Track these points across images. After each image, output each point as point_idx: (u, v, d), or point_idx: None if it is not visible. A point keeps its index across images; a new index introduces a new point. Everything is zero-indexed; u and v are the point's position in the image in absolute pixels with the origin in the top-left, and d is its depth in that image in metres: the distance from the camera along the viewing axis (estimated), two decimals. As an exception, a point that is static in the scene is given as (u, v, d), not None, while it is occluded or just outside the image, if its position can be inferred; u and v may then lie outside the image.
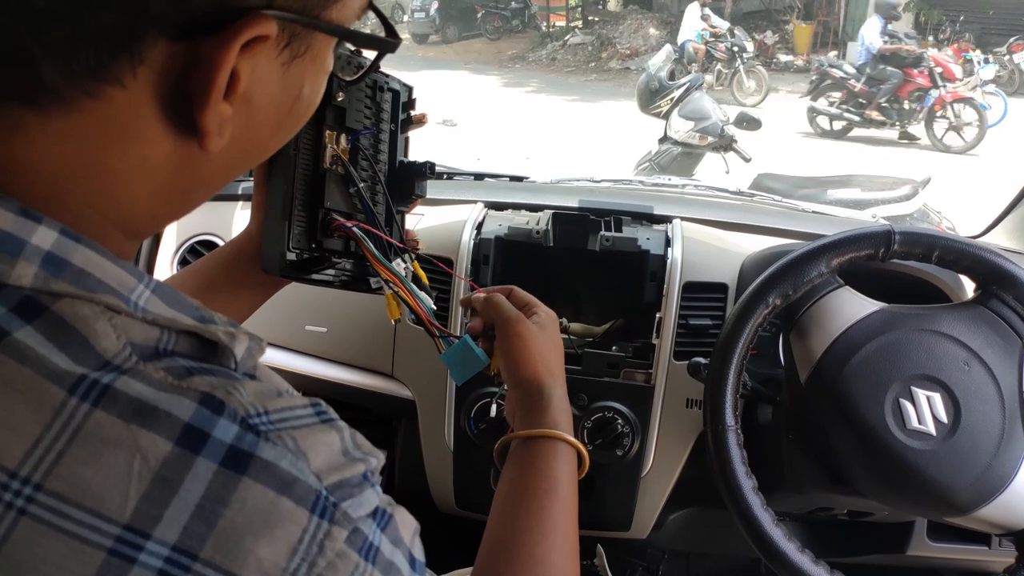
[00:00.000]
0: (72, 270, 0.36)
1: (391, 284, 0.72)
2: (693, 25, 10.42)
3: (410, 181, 0.79)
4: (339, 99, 0.69)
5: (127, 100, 0.36)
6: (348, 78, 0.60)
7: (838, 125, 8.48)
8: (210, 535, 0.33)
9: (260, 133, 0.43)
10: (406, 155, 0.80)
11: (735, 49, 10.00)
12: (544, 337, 0.74)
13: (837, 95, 8.42)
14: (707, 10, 10.60)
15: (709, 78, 9.93)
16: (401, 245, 0.77)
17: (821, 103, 8.50)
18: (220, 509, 0.34)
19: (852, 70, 8.44)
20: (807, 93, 8.73)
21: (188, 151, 0.40)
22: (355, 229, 0.69)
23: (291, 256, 0.66)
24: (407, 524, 0.42)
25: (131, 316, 0.37)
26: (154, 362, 0.36)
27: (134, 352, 0.36)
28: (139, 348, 0.36)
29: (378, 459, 0.42)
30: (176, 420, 0.34)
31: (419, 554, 0.43)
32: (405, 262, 0.76)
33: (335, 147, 0.70)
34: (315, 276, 0.70)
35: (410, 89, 0.79)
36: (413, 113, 0.80)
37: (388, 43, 0.51)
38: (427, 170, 0.78)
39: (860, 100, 8.30)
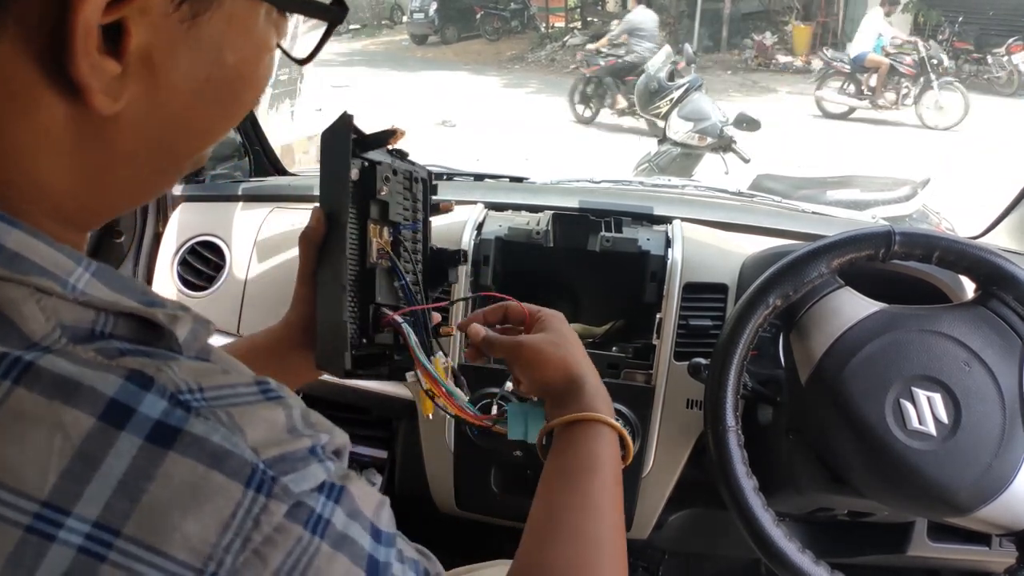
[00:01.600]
0: (6, 253, 0.35)
1: (429, 391, 0.71)
2: (873, 34, 8.96)
3: (443, 268, 0.80)
4: (383, 193, 0.71)
5: (3, 57, 0.35)
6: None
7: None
8: (133, 511, 0.32)
9: (173, 100, 0.40)
10: (429, 238, 0.81)
11: (933, 62, 8.52)
12: (556, 340, 0.73)
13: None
14: (891, 18, 9.15)
15: (890, 95, 8.85)
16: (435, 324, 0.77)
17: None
18: (144, 484, 0.33)
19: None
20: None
21: (87, 118, 0.38)
22: (404, 325, 0.70)
23: (351, 357, 0.67)
24: (368, 496, 0.41)
25: (63, 298, 0.36)
26: (85, 344, 0.35)
27: (64, 334, 0.35)
28: (70, 330, 0.35)
29: (333, 436, 0.40)
30: (100, 396, 0.33)
31: (387, 526, 0.42)
32: (447, 356, 0.75)
33: (380, 240, 0.71)
34: (370, 372, 0.71)
35: (430, 175, 0.80)
36: (438, 199, 0.81)
37: (328, 10, 0.45)
38: (460, 257, 0.79)
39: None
